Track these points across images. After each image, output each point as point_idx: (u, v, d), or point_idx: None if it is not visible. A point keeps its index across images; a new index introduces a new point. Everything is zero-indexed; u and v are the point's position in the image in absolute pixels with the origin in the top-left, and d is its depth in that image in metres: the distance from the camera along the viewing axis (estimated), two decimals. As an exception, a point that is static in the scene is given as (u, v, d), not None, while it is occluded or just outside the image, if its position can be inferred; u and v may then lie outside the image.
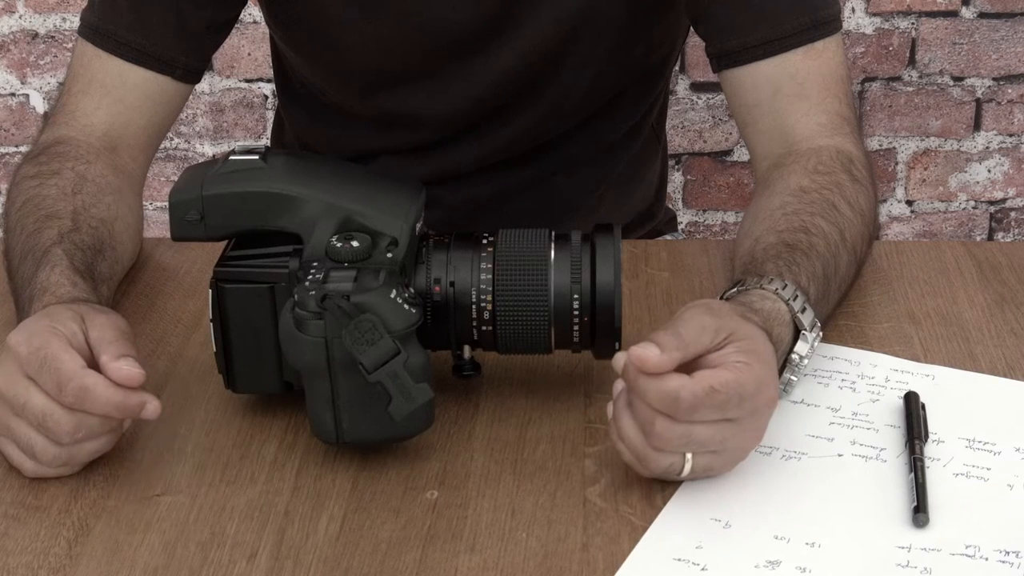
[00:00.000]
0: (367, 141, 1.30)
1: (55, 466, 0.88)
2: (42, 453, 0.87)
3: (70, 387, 0.85)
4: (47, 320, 0.89)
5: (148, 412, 0.87)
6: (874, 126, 2.15)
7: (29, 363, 0.86)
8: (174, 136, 2.18)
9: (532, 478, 0.89)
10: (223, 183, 0.90)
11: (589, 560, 0.82)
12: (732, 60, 1.13)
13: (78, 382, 0.85)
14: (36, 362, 0.86)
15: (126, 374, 0.86)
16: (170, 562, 0.82)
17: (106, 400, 0.85)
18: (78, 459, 0.89)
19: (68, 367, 0.85)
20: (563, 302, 0.90)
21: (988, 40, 2.10)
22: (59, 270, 0.97)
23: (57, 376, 0.85)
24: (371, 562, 0.82)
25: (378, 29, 1.19)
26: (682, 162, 2.19)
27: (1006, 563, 0.80)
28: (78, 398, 0.85)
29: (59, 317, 0.90)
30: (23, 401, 0.86)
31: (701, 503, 0.86)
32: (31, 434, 0.87)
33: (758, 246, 1.01)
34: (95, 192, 1.08)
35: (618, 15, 1.19)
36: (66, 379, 0.85)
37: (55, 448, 0.87)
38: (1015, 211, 2.23)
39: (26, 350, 0.86)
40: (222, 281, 0.90)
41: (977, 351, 1.02)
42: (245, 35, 2.09)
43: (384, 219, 0.90)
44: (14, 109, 2.18)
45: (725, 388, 0.82)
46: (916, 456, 0.88)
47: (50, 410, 0.86)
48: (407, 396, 0.84)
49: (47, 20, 2.12)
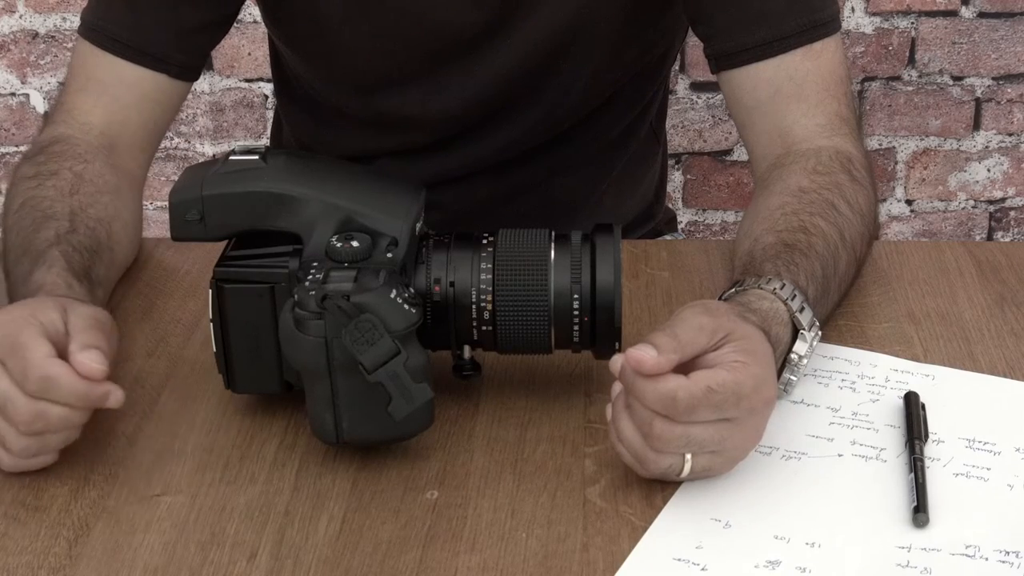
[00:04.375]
0: (365, 143, 1.30)
1: (27, 456, 0.88)
2: (12, 442, 0.87)
3: (33, 375, 0.85)
4: (27, 308, 0.90)
5: (111, 402, 0.86)
6: (874, 126, 2.15)
7: (1, 348, 0.86)
8: (174, 136, 2.18)
9: (532, 478, 0.89)
10: (223, 183, 0.90)
11: (589, 560, 0.82)
12: (731, 61, 1.13)
13: (42, 371, 0.85)
14: (7, 347, 0.86)
15: (87, 368, 0.85)
16: (170, 562, 0.82)
17: (70, 390, 0.85)
18: (50, 446, 0.89)
19: (34, 355, 0.85)
20: (563, 302, 0.90)
21: (988, 40, 2.10)
22: (55, 271, 0.98)
23: (23, 363, 0.85)
24: (371, 562, 0.82)
25: (374, 29, 1.19)
26: (682, 162, 2.19)
27: (1006, 563, 0.80)
28: (41, 386, 0.85)
29: (40, 306, 0.90)
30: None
31: (701, 503, 0.86)
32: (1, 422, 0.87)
33: (757, 246, 1.01)
34: (93, 192, 1.08)
35: (616, 16, 1.19)
36: (31, 366, 0.85)
37: (22, 438, 0.87)
38: (1014, 210, 2.23)
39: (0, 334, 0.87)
40: (222, 281, 0.90)
41: (977, 351, 1.02)
42: (245, 35, 2.09)
43: (384, 219, 0.90)
44: (14, 109, 2.18)
45: (723, 388, 0.82)
46: (916, 456, 0.88)
47: (11, 396, 0.85)
48: (407, 396, 0.84)
49: (47, 20, 2.12)
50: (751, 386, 0.83)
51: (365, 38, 1.20)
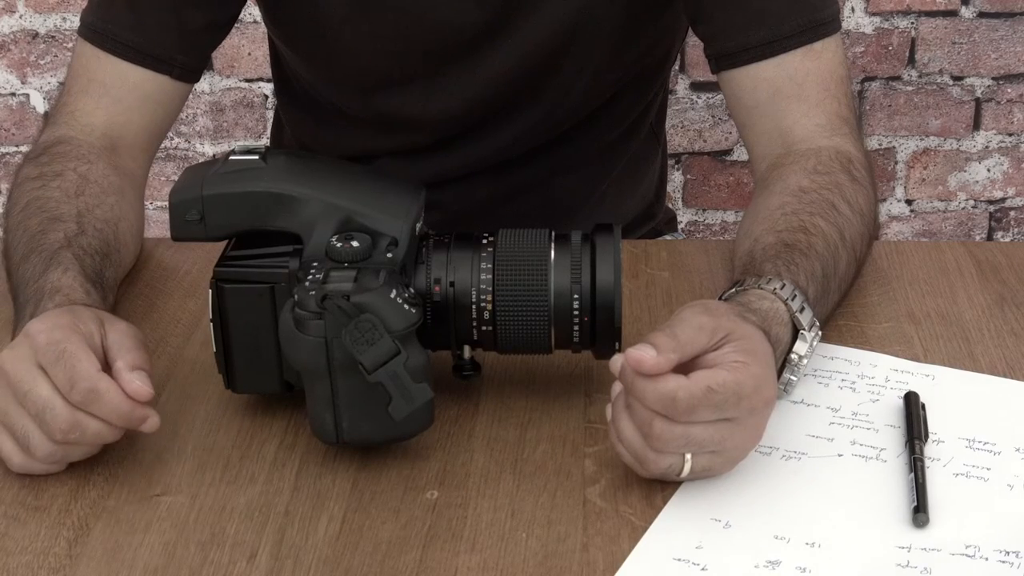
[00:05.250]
0: (365, 142, 1.30)
1: (47, 463, 0.88)
2: (37, 446, 0.87)
3: (81, 386, 0.85)
4: (70, 316, 0.90)
5: (147, 426, 0.87)
6: (874, 126, 2.15)
7: (45, 353, 0.86)
8: (174, 136, 2.18)
9: (532, 478, 0.89)
10: (223, 183, 0.90)
11: (589, 560, 0.82)
12: (731, 61, 1.13)
13: (91, 383, 0.85)
14: (53, 354, 0.86)
15: (136, 388, 0.86)
16: (170, 562, 0.82)
17: (114, 407, 0.86)
18: (70, 457, 0.89)
19: (84, 366, 0.85)
20: (563, 302, 0.90)
21: (987, 40, 2.10)
22: (71, 274, 0.97)
23: (71, 372, 0.85)
24: (371, 562, 0.82)
25: (374, 29, 1.19)
26: (682, 162, 2.19)
27: (1006, 563, 0.80)
28: (87, 398, 0.85)
29: (81, 316, 0.90)
30: (27, 388, 0.86)
31: (701, 503, 0.86)
32: (28, 424, 0.87)
33: (757, 246, 1.01)
34: (98, 193, 1.08)
35: (616, 16, 1.19)
36: (80, 377, 0.85)
37: (50, 444, 0.87)
38: (1014, 210, 2.23)
39: (45, 340, 0.87)
40: (222, 281, 0.90)
41: (977, 351, 1.02)
42: (245, 35, 2.09)
43: (384, 219, 0.90)
44: (14, 109, 2.18)
45: (722, 388, 0.82)
46: (916, 456, 0.88)
47: (52, 403, 0.86)
48: (407, 396, 0.84)
49: (47, 20, 2.12)
50: (751, 386, 0.83)
51: (365, 38, 1.20)
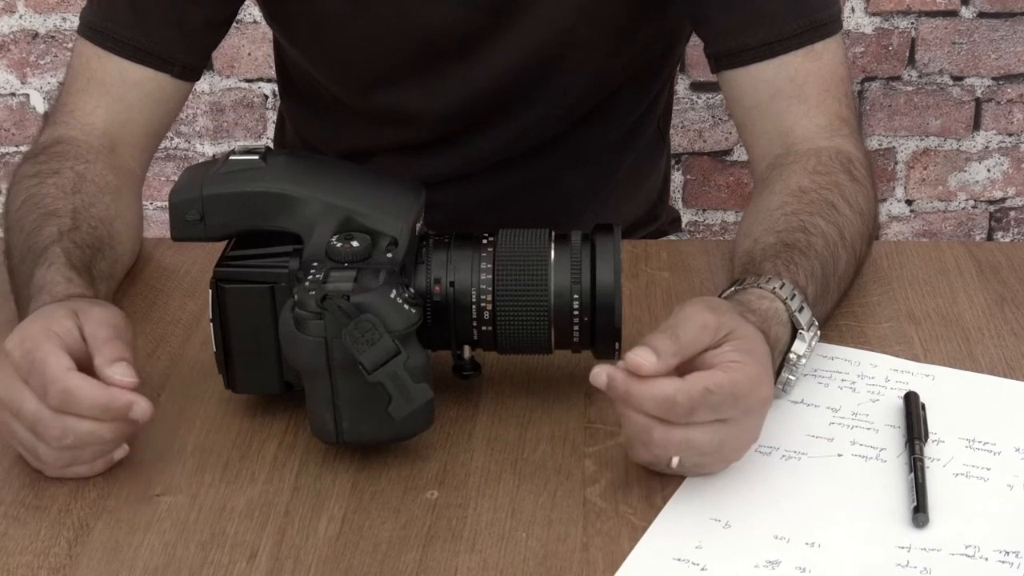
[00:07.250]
0: (365, 138, 1.30)
1: (60, 467, 0.88)
2: (45, 458, 0.87)
3: (53, 389, 0.84)
4: (41, 321, 0.89)
5: (136, 413, 0.85)
6: (874, 126, 2.15)
7: (20, 367, 0.86)
8: (174, 136, 2.18)
9: (532, 478, 0.89)
10: (223, 183, 0.90)
11: (589, 560, 0.82)
12: (731, 61, 1.13)
13: (61, 384, 0.84)
14: (27, 365, 0.86)
15: (118, 383, 0.85)
16: (170, 562, 0.82)
17: (90, 403, 0.85)
18: (82, 460, 0.88)
19: (52, 370, 0.85)
20: (563, 302, 0.90)
21: (988, 40, 2.10)
22: (55, 268, 0.97)
23: (42, 379, 0.85)
24: (371, 562, 0.82)
25: (371, 25, 1.19)
26: (682, 162, 2.19)
27: (1006, 563, 0.80)
28: (62, 400, 0.84)
29: (53, 316, 0.90)
30: (17, 406, 0.86)
31: (701, 503, 0.86)
32: (31, 439, 0.87)
33: (757, 246, 1.01)
34: (94, 191, 1.08)
35: (616, 14, 1.18)
36: (50, 381, 0.85)
37: (55, 453, 0.87)
38: (1014, 210, 2.23)
39: (19, 354, 0.86)
40: (222, 281, 0.90)
41: (977, 351, 1.02)
42: (245, 35, 2.09)
43: (384, 219, 0.90)
44: (14, 109, 2.18)
45: (720, 389, 0.82)
46: (916, 456, 0.88)
47: (39, 415, 0.85)
48: (407, 396, 0.84)
49: (47, 20, 2.12)
50: (748, 386, 0.83)
51: (363, 35, 1.20)
